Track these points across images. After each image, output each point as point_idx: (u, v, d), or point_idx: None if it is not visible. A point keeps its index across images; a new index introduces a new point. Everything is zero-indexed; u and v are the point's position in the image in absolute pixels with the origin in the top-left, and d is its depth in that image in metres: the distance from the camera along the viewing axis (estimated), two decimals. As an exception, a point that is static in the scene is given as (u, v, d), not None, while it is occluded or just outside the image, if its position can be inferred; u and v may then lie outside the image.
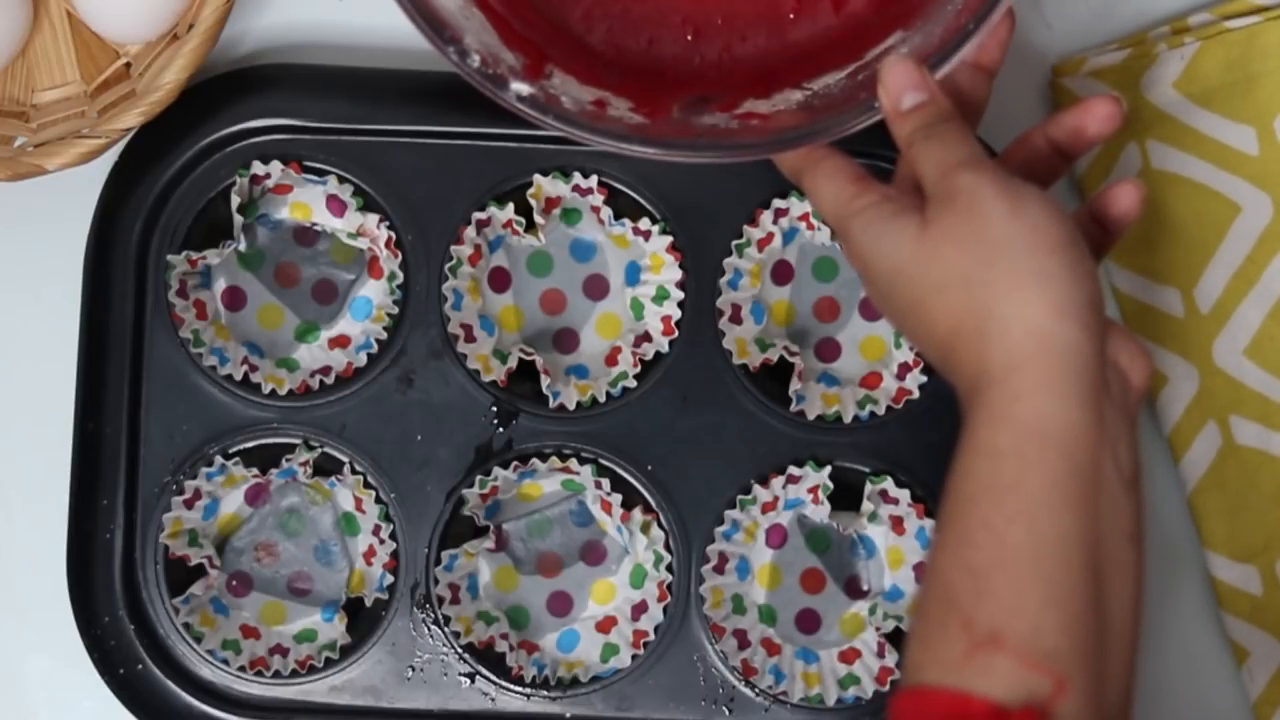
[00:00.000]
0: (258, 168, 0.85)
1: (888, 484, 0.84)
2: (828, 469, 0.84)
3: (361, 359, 0.85)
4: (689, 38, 0.80)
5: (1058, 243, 0.65)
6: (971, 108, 0.74)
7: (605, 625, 0.86)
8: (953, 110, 0.71)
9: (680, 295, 0.85)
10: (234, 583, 0.87)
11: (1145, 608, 0.68)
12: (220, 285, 0.87)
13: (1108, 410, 0.66)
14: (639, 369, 0.85)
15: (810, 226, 0.86)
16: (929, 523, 0.83)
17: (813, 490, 0.84)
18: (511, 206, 0.85)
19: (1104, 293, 0.67)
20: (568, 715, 0.84)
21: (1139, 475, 0.68)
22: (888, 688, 0.83)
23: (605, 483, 0.84)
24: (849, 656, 0.85)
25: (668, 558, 0.84)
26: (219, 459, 0.84)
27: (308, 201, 0.87)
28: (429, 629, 0.84)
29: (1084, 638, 0.63)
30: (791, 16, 0.80)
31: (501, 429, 0.85)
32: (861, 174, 0.72)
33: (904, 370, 0.85)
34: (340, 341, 0.87)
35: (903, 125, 0.71)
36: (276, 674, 0.84)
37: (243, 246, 0.86)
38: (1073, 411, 0.64)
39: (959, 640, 0.63)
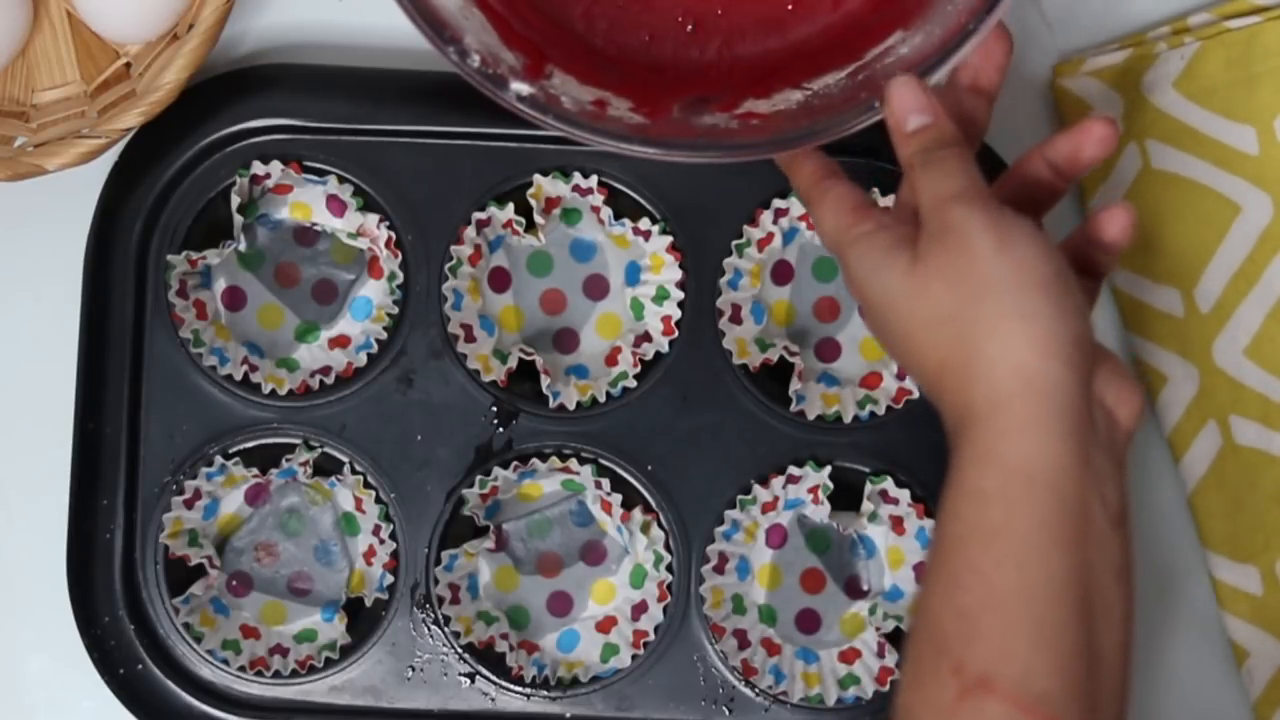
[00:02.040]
0: (258, 168, 0.85)
1: (888, 484, 0.84)
2: (828, 469, 0.84)
3: (361, 359, 0.85)
4: (689, 30, 0.80)
5: (1044, 279, 0.65)
6: (971, 131, 0.74)
7: (605, 625, 0.86)
8: (956, 134, 0.70)
9: (680, 295, 0.85)
10: (234, 583, 0.87)
11: (1135, 641, 0.67)
12: (220, 285, 0.87)
13: (1094, 449, 0.66)
14: (639, 369, 0.85)
15: (810, 227, 0.86)
16: (929, 523, 0.83)
17: (813, 490, 0.84)
18: (511, 206, 0.85)
19: (1091, 328, 0.67)
20: (568, 715, 0.84)
21: (1127, 513, 0.67)
22: (888, 688, 0.83)
23: (605, 483, 0.84)
24: (849, 656, 0.85)
25: (668, 558, 0.84)
26: (219, 459, 0.84)
27: (308, 201, 0.87)
28: (429, 629, 0.84)
29: (1075, 679, 0.63)
30: (790, 8, 0.80)
31: (501, 429, 0.85)
32: (862, 202, 0.72)
33: (904, 370, 0.85)
34: (340, 341, 0.87)
35: (906, 147, 0.71)
36: (276, 674, 0.84)
37: (243, 246, 0.86)
38: (1058, 450, 0.64)
39: (950, 685, 0.63)
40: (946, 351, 0.66)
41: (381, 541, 0.85)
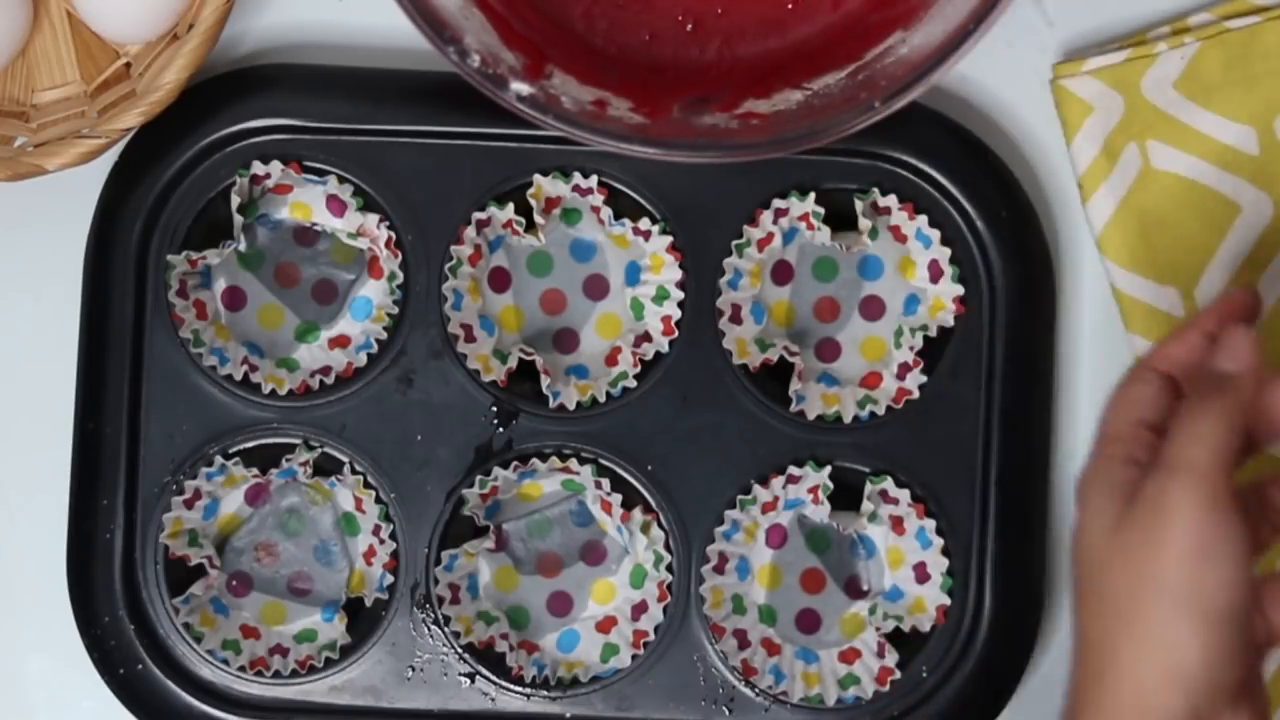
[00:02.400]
0: (258, 168, 0.85)
1: (888, 484, 0.84)
2: (828, 469, 0.84)
3: (361, 359, 0.85)
4: (689, 30, 0.80)
5: (1211, 613, 0.64)
6: (1257, 437, 0.69)
7: (605, 625, 0.86)
8: (1243, 395, 0.67)
9: (680, 295, 0.85)
10: (234, 583, 0.87)
11: None
12: (220, 285, 0.87)
13: None
14: (639, 369, 0.85)
15: (810, 226, 0.85)
16: (929, 523, 0.83)
17: (813, 490, 0.84)
18: (511, 206, 0.85)
19: (1238, 675, 0.65)
20: (568, 715, 0.84)
21: None
22: (887, 687, 0.83)
23: (605, 483, 0.84)
24: (849, 656, 0.85)
25: (668, 558, 0.84)
26: (219, 459, 0.84)
27: (308, 201, 0.87)
28: (429, 629, 0.84)
29: None
30: (790, 8, 0.80)
31: (501, 429, 0.85)
32: (1147, 421, 0.69)
33: (904, 370, 0.85)
34: (340, 341, 0.87)
35: (1205, 378, 0.69)
36: (276, 674, 0.84)
37: (243, 246, 0.86)
38: None
39: None
40: (1096, 635, 0.66)
41: (381, 541, 0.85)
